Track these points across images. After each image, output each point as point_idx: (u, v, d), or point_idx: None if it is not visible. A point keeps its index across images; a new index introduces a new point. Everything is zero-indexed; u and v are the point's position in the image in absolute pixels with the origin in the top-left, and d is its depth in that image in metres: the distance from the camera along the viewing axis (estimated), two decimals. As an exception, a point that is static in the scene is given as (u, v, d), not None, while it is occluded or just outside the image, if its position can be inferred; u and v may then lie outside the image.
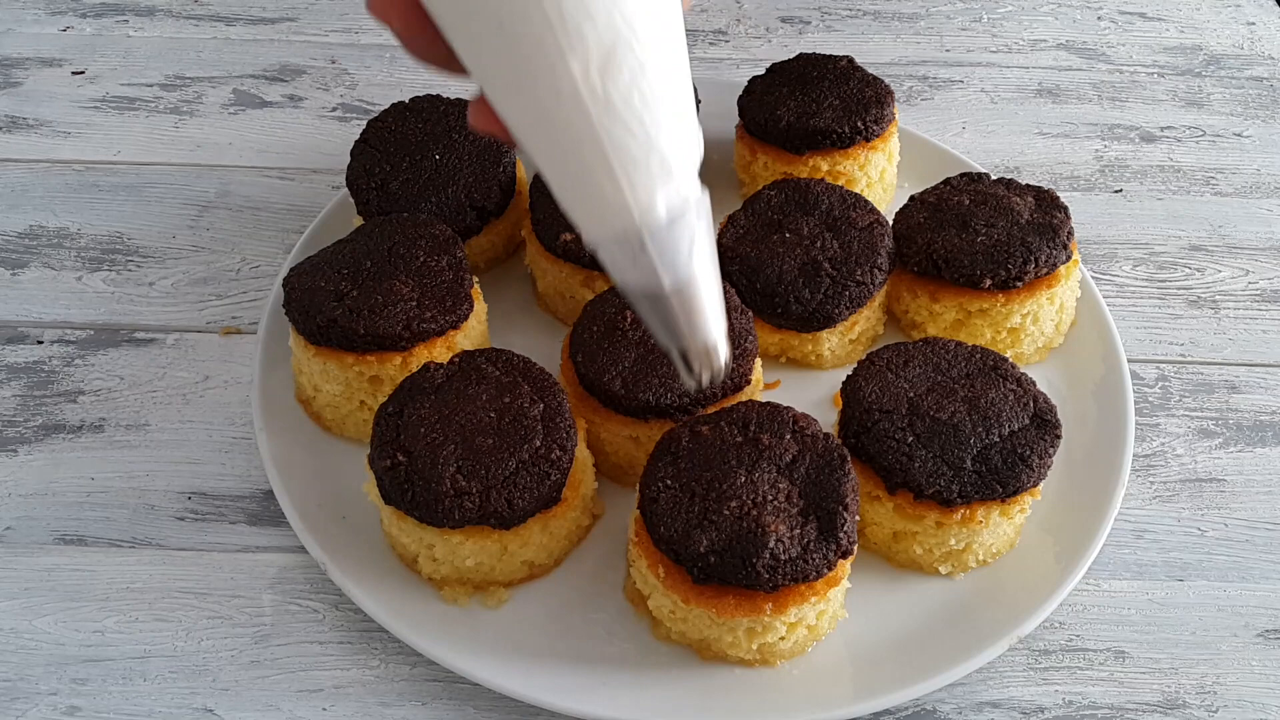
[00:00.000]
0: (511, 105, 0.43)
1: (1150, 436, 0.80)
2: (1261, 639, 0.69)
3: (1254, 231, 0.97)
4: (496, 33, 0.39)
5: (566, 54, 0.39)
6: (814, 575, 0.61)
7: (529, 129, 0.43)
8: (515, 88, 0.42)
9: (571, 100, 0.41)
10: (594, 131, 0.41)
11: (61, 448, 0.77)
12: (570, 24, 0.39)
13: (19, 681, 0.65)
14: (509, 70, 0.41)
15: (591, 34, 0.40)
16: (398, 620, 0.65)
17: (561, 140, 0.42)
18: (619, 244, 0.45)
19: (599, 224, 0.45)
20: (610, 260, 0.46)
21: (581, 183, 0.43)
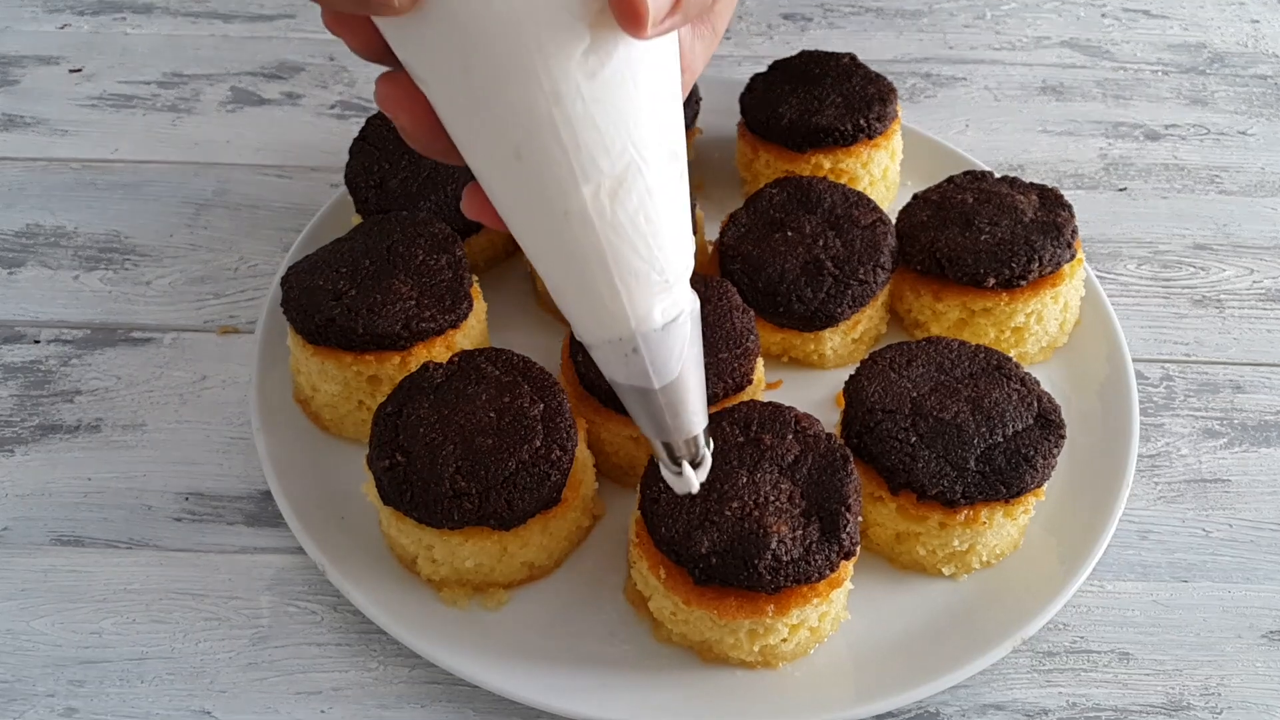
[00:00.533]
0: (515, 215, 0.44)
1: (1155, 436, 0.80)
2: (1266, 640, 0.69)
3: (1259, 230, 0.96)
4: (512, 157, 0.40)
5: (580, 182, 0.40)
6: (816, 576, 0.61)
7: (530, 236, 0.44)
8: (524, 204, 0.42)
9: (579, 220, 0.41)
10: (599, 248, 0.42)
11: (58, 448, 0.77)
12: (585, 155, 0.40)
13: (16, 683, 0.65)
14: (519, 188, 0.42)
15: (605, 163, 0.40)
16: (396, 622, 0.64)
17: (564, 252, 0.43)
18: (612, 345, 0.46)
19: (595, 327, 0.46)
20: (602, 358, 0.48)
21: (581, 290, 0.44)
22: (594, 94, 0.39)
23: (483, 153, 0.41)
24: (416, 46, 0.39)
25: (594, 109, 0.39)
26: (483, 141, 0.41)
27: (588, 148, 0.40)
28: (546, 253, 0.44)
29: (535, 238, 0.44)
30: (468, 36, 0.38)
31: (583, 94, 0.39)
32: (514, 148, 0.40)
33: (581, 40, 0.38)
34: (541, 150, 0.40)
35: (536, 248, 0.44)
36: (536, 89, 0.38)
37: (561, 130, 0.39)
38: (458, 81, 0.39)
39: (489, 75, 0.38)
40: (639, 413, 0.50)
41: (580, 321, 0.46)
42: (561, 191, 0.41)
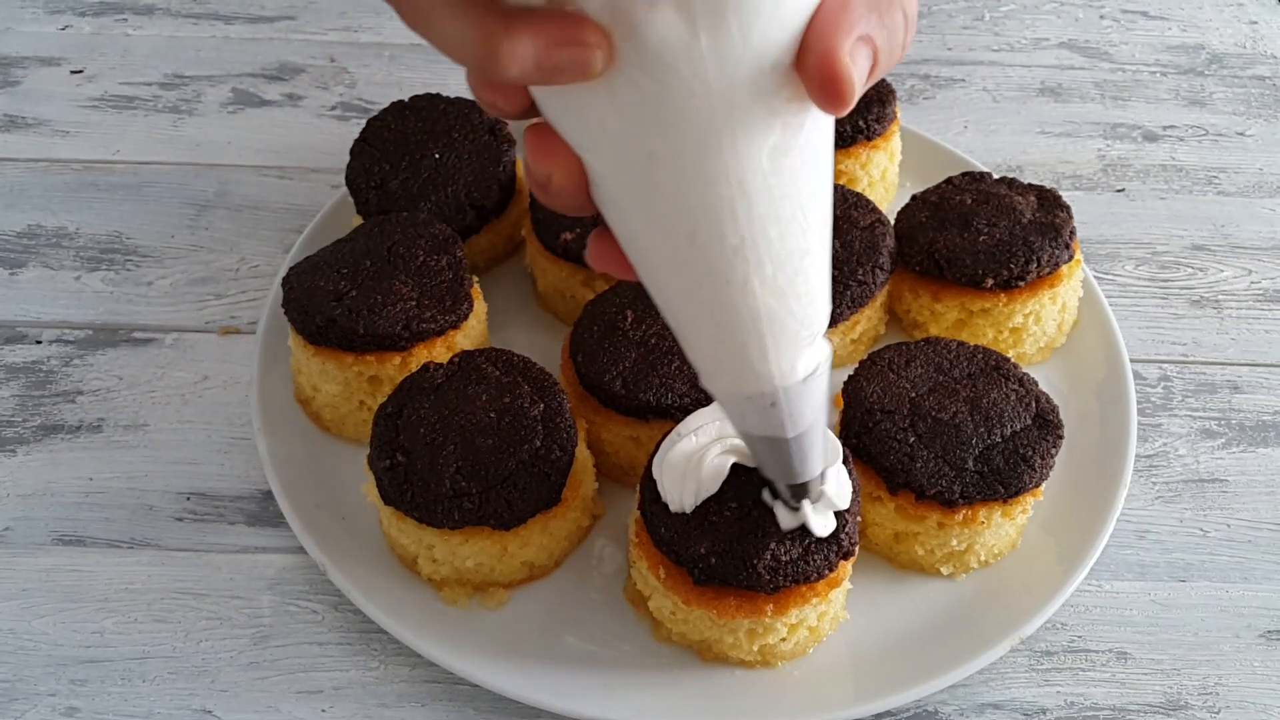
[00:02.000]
0: (667, 282, 0.42)
1: (1152, 437, 0.80)
2: (1264, 640, 0.69)
3: (1257, 231, 0.97)
4: (684, 240, 0.39)
5: (749, 260, 0.39)
6: (815, 576, 0.61)
7: (678, 299, 0.43)
8: (682, 276, 0.41)
9: (741, 289, 0.40)
10: (755, 313, 0.41)
11: (60, 448, 0.77)
12: (762, 238, 0.39)
13: (17, 682, 0.65)
14: (683, 265, 0.40)
15: (778, 242, 0.40)
16: (397, 621, 0.65)
17: (717, 315, 0.42)
18: (751, 400, 0.45)
19: (734, 384, 0.45)
20: (733, 411, 0.47)
21: (727, 350, 0.43)
22: (780, 183, 0.38)
23: (648, 231, 0.40)
24: (586, 118, 0.37)
25: (777, 197, 0.38)
26: (651, 221, 0.39)
27: (764, 232, 0.39)
28: (693, 315, 0.43)
29: (684, 301, 0.42)
30: (656, 120, 0.36)
31: (769, 185, 0.38)
32: (689, 232, 0.39)
33: (772, 132, 0.37)
34: (717, 235, 0.39)
35: (681, 309, 0.43)
36: (723, 180, 0.37)
37: (741, 220, 0.38)
38: (636, 163, 0.37)
39: (673, 163, 0.37)
40: (767, 459, 0.50)
41: (718, 377, 0.45)
42: (729, 266, 0.40)
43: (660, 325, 0.72)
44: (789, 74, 0.35)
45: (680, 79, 0.34)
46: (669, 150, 0.36)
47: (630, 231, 0.41)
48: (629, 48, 0.34)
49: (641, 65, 0.34)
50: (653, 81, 0.34)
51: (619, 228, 0.42)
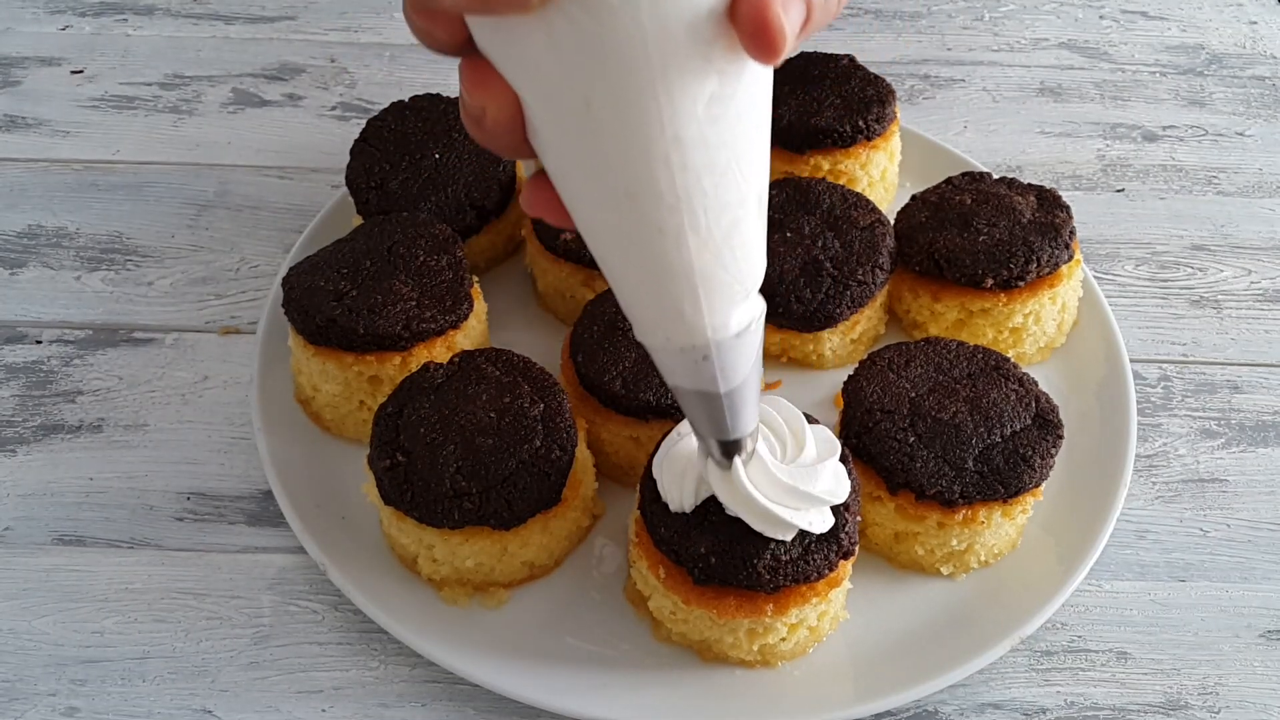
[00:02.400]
0: (599, 228, 0.42)
1: (1152, 437, 0.80)
2: (1264, 639, 0.69)
3: (1256, 231, 0.97)
4: (620, 193, 0.39)
5: (683, 212, 0.40)
6: (815, 576, 0.61)
7: (611, 248, 0.43)
8: (614, 223, 0.41)
9: (674, 240, 0.40)
10: (689, 265, 0.41)
11: (60, 448, 0.77)
12: (696, 191, 0.39)
13: (18, 682, 0.65)
14: (616, 212, 0.40)
15: (712, 196, 0.40)
16: (397, 621, 0.65)
17: (649, 266, 0.42)
18: (683, 353, 0.45)
19: (667, 336, 0.45)
20: (666, 364, 0.47)
21: (658, 301, 0.43)
22: (716, 134, 0.38)
23: (583, 178, 0.40)
24: (523, 56, 0.37)
25: (713, 148, 0.38)
26: (586, 168, 0.39)
27: (699, 183, 0.39)
28: (627, 265, 0.43)
29: (618, 251, 0.43)
30: (593, 62, 0.35)
31: (705, 135, 0.38)
32: (622, 180, 0.39)
33: (708, 81, 0.37)
34: (651, 185, 0.39)
35: (614, 259, 0.43)
36: (658, 128, 0.37)
37: (675, 170, 0.38)
38: (572, 108, 0.37)
39: (609, 109, 0.37)
40: (698, 415, 0.50)
41: (650, 329, 0.45)
42: (660, 218, 0.40)
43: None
44: (724, 23, 0.35)
45: (618, 19, 0.34)
46: (605, 96, 0.36)
47: (565, 177, 0.41)
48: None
49: (580, 2, 0.34)
50: (591, 20, 0.34)
51: (555, 172, 0.41)
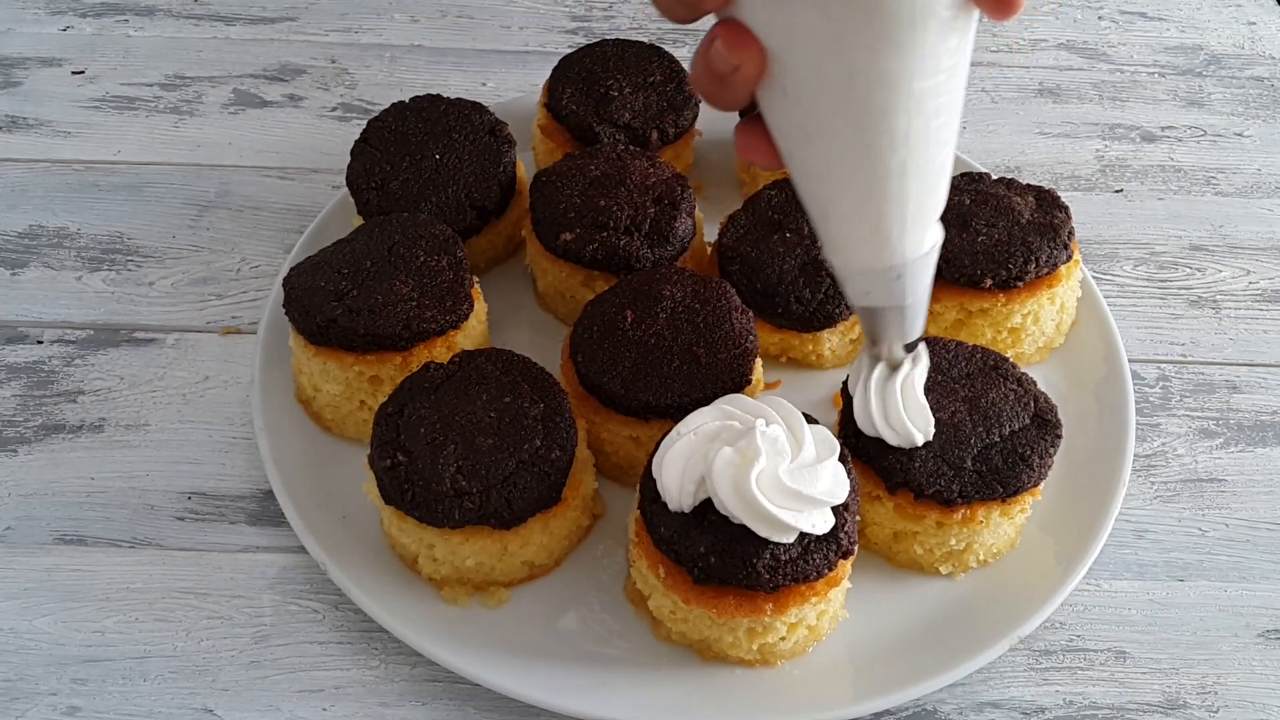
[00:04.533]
0: (825, 162, 0.47)
1: (1151, 436, 0.80)
2: (1262, 639, 0.69)
3: (1255, 231, 0.97)
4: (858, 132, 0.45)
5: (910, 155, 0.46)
6: (814, 575, 0.61)
7: (834, 183, 0.48)
8: (842, 155, 0.46)
9: (899, 172, 0.46)
10: (904, 193, 0.47)
11: (61, 448, 0.77)
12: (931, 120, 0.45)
13: (19, 681, 0.65)
14: (846, 144, 0.46)
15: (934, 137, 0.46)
16: (398, 620, 0.65)
17: (869, 195, 0.48)
18: (880, 274, 0.52)
19: (869, 258, 0.51)
20: (861, 285, 0.53)
21: (871, 228, 0.49)
22: (947, 85, 0.44)
23: (824, 123, 0.45)
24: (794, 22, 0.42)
25: (943, 95, 0.44)
26: (831, 115, 0.44)
27: (929, 127, 0.44)
28: (847, 197, 0.48)
29: (841, 185, 0.48)
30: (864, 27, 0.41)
31: (939, 86, 0.44)
32: (865, 124, 0.44)
33: (951, 41, 0.42)
34: (889, 128, 0.44)
35: (835, 193, 0.48)
36: (907, 81, 0.43)
37: (914, 114, 0.44)
38: (833, 75, 0.43)
39: (869, 68, 0.42)
40: (879, 325, 0.56)
41: (855, 254, 0.51)
42: (892, 153, 0.45)
43: (660, 325, 0.72)
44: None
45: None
46: (867, 65, 0.42)
47: (802, 124, 0.46)
48: None
49: None
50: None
51: (786, 120, 0.47)
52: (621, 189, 0.80)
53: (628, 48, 0.93)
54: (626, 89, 0.89)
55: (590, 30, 1.16)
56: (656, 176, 0.82)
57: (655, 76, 0.91)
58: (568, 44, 1.13)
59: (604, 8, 1.19)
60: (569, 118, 0.89)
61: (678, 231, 0.80)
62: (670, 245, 0.79)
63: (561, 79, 0.91)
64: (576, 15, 1.18)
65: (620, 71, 0.90)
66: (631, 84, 0.90)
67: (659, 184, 0.81)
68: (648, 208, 0.80)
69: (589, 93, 0.89)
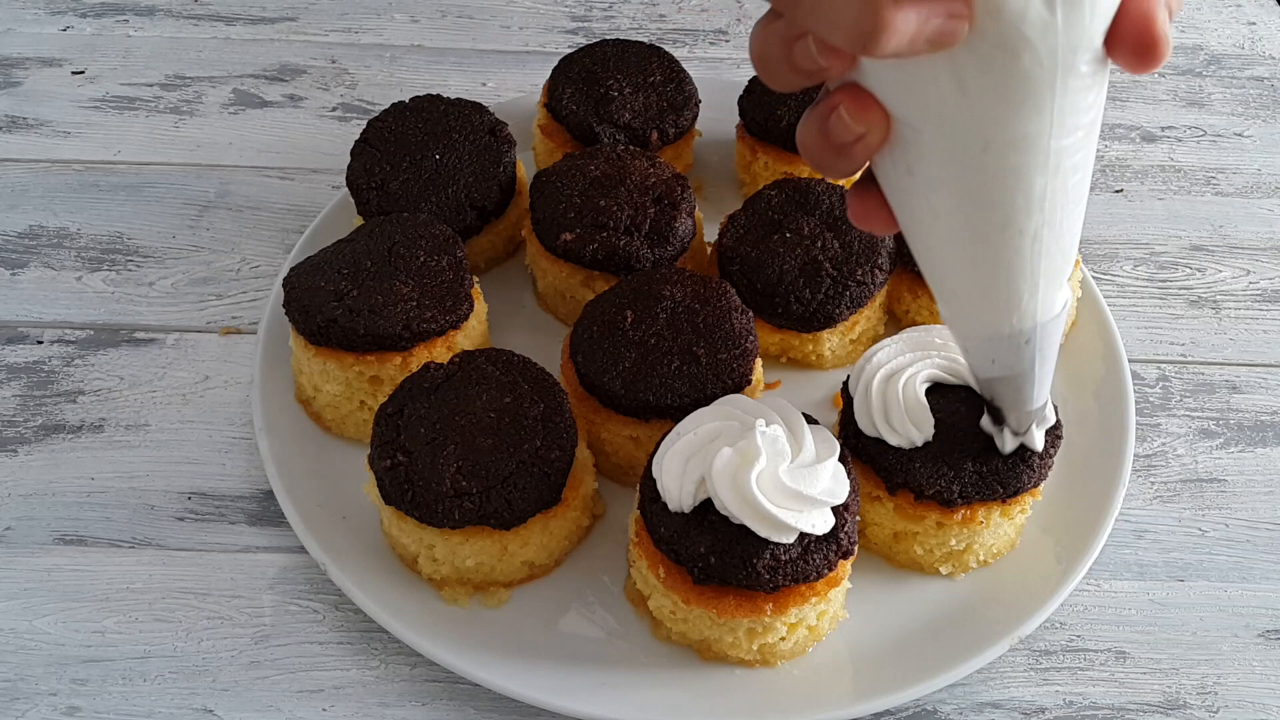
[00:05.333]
0: (946, 232, 0.45)
1: (1151, 436, 0.80)
2: (1262, 639, 0.69)
3: (1255, 231, 0.97)
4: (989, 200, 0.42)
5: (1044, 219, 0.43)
6: (814, 576, 0.61)
7: (959, 250, 0.45)
8: (975, 233, 0.44)
9: (1032, 237, 0.43)
10: (1036, 256, 0.44)
11: (61, 448, 0.77)
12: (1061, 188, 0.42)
13: (19, 681, 0.65)
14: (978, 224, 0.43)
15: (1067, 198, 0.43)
16: (398, 621, 0.65)
17: (1000, 261, 0.45)
18: (1009, 339, 0.48)
19: (998, 324, 0.48)
20: (985, 352, 0.50)
21: (998, 292, 0.46)
22: (1083, 145, 0.42)
23: (950, 193, 0.43)
24: (924, 90, 0.39)
25: (1079, 156, 0.42)
26: (959, 184, 0.42)
27: (1064, 189, 0.42)
28: (973, 264, 0.45)
29: (966, 252, 0.45)
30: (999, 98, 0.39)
31: (1076, 147, 0.41)
32: (997, 193, 0.42)
33: (1088, 101, 0.40)
34: (1025, 194, 0.42)
35: (960, 261, 0.46)
36: (1043, 145, 0.40)
37: (1050, 179, 0.41)
38: (967, 146, 0.40)
39: (1005, 134, 0.40)
40: (1005, 394, 0.53)
41: (979, 322, 0.48)
42: (1026, 219, 0.43)
43: (660, 325, 0.72)
44: (1100, 46, 0.39)
45: (1032, 54, 0.37)
46: (1004, 136, 0.40)
47: (925, 190, 0.43)
48: (987, 21, 0.36)
49: (998, 40, 0.37)
50: (1004, 57, 0.37)
51: (908, 186, 0.44)
52: (621, 189, 0.80)
53: (628, 48, 0.93)
54: (626, 89, 0.89)
55: (590, 30, 1.16)
56: (656, 176, 0.82)
57: (655, 76, 0.91)
58: (568, 44, 1.13)
59: (604, 8, 1.19)
60: (569, 118, 0.89)
61: (678, 231, 0.80)
62: (670, 245, 0.80)
63: (561, 79, 0.91)
64: (576, 15, 1.18)
65: (620, 71, 0.90)
66: (631, 84, 0.90)
67: (659, 184, 0.81)
68: (648, 208, 0.80)
69: (589, 93, 0.89)
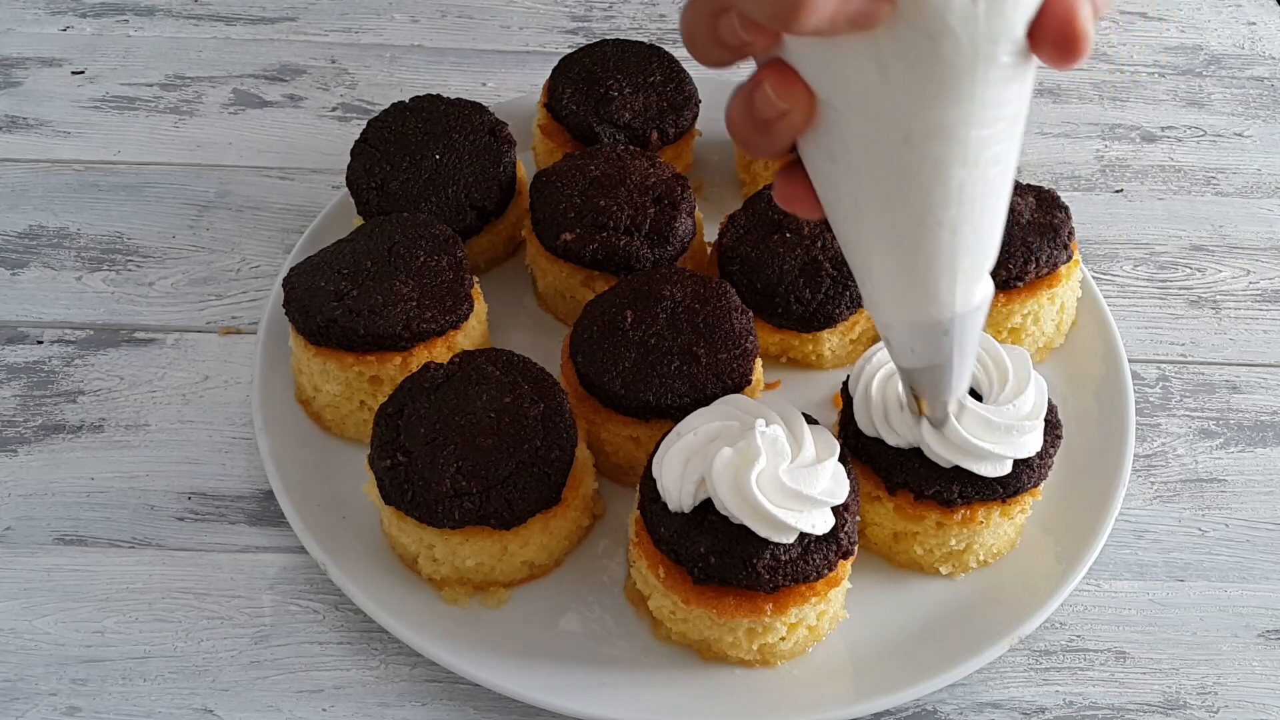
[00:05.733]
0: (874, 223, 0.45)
1: (1151, 436, 0.80)
2: (1262, 639, 0.69)
3: (1255, 231, 0.97)
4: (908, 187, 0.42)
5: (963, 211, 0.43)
6: (814, 576, 0.61)
7: (880, 237, 0.45)
8: (896, 220, 0.44)
9: (950, 229, 0.43)
10: (955, 248, 0.44)
11: (61, 448, 0.77)
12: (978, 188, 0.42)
13: (19, 682, 0.65)
14: (899, 211, 0.43)
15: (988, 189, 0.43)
16: (398, 621, 0.65)
17: (919, 250, 0.45)
18: (927, 329, 0.49)
19: (916, 313, 0.48)
20: (905, 341, 0.50)
21: (918, 281, 0.46)
22: (1004, 137, 0.42)
23: (871, 177, 0.43)
24: (845, 71, 0.39)
25: (999, 147, 0.42)
26: (878, 170, 0.42)
27: (983, 177, 0.42)
28: (893, 252, 0.46)
29: (887, 240, 0.45)
30: (919, 82, 0.39)
31: (996, 138, 0.41)
32: (915, 180, 0.42)
33: (1009, 92, 0.40)
34: (943, 184, 0.42)
35: (881, 247, 0.46)
36: (963, 135, 0.40)
37: (969, 169, 0.41)
38: (887, 135, 0.40)
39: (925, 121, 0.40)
40: (924, 384, 0.53)
41: (902, 309, 0.48)
42: (944, 209, 0.43)
43: (660, 325, 0.72)
44: (1023, 39, 0.39)
45: (953, 42, 0.37)
46: (924, 126, 0.40)
47: (846, 176, 0.43)
48: (910, 6, 0.36)
49: (920, 25, 0.37)
50: (925, 43, 0.37)
51: (831, 170, 0.44)
52: (621, 189, 0.80)
53: (628, 48, 0.93)
54: (626, 89, 0.89)
55: (590, 30, 1.16)
56: (656, 176, 0.82)
57: (655, 76, 0.91)
58: (568, 44, 1.13)
59: (604, 8, 1.19)
60: (569, 118, 0.89)
61: (678, 231, 0.80)
62: (670, 245, 0.80)
63: (561, 79, 0.91)
64: (576, 15, 1.18)
65: (620, 71, 0.90)
66: (631, 84, 0.90)
67: (659, 184, 0.81)
68: (648, 208, 0.80)
69: (589, 93, 0.89)
